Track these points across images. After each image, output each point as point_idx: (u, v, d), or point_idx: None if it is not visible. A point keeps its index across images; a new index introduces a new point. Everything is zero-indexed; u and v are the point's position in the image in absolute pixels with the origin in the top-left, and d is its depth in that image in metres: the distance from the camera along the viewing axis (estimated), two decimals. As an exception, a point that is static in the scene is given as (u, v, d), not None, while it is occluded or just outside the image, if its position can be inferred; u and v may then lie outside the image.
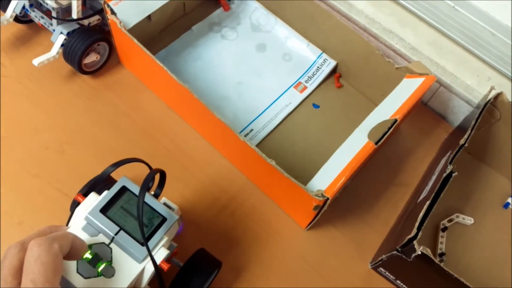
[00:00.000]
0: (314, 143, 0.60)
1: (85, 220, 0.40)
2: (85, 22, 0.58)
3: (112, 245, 0.39)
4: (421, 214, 0.46)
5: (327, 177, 0.48)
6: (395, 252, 0.47)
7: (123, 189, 0.42)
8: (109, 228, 0.39)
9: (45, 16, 0.58)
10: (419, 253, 0.44)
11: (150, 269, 0.39)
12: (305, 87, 0.64)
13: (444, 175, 0.48)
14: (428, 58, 0.63)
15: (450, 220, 0.59)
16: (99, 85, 0.61)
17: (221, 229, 0.55)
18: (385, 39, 0.64)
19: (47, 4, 0.55)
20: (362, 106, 0.64)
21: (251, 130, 0.60)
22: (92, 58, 0.59)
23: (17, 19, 0.61)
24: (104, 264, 0.37)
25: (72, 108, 0.59)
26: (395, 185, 0.61)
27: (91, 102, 0.60)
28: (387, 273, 0.54)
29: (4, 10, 0.59)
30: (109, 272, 0.37)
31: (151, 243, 0.40)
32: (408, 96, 0.54)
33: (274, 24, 0.68)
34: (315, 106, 0.63)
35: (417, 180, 0.61)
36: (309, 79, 0.64)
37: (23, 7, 0.58)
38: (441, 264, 0.44)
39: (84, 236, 0.39)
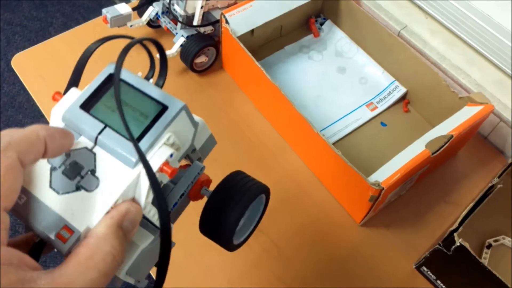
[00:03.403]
0: (377, 154, 0.69)
1: (62, 122, 0.31)
2: (202, 29, 0.72)
3: (96, 149, 0.30)
4: (464, 212, 0.52)
5: (385, 174, 0.56)
6: (437, 246, 0.53)
7: (111, 79, 0.32)
8: (91, 126, 0.30)
9: (171, 22, 0.73)
10: (458, 244, 0.50)
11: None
12: (376, 107, 0.73)
13: (490, 184, 0.54)
14: (491, 94, 0.70)
15: (496, 240, 0.63)
16: (204, 82, 0.75)
17: (283, 214, 0.64)
18: (453, 74, 0.72)
19: (176, 11, 0.70)
20: (425, 131, 0.70)
21: (323, 135, 0.69)
22: (201, 59, 0.73)
23: (149, 24, 0.77)
24: (85, 174, 0.29)
25: (180, 97, 0.71)
26: (447, 202, 0.67)
27: (195, 94, 0.73)
28: (429, 272, 0.59)
29: (141, 15, 0.75)
30: (92, 184, 0.29)
31: (145, 141, 0.30)
32: (466, 119, 0.61)
33: (355, 52, 0.78)
34: (383, 124, 0.72)
35: (467, 201, 0.66)
36: (380, 101, 0.73)
37: (157, 14, 0.74)
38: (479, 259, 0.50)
39: None
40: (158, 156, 0.29)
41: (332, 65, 0.77)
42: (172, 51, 0.71)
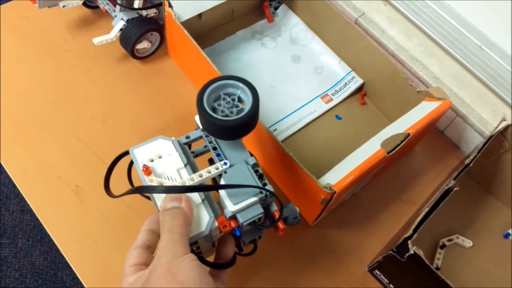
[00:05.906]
0: (332, 150, 0.65)
1: None
2: (144, 13, 0.66)
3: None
4: (419, 218, 0.50)
5: (337, 175, 0.53)
6: (390, 252, 0.51)
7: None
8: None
9: (110, 3, 0.66)
10: (412, 252, 0.48)
11: None
12: (331, 99, 0.69)
13: (446, 187, 0.52)
14: (449, 88, 0.67)
15: (449, 240, 0.62)
16: (146, 70, 0.69)
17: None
18: (410, 66, 0.68)
19: (114, -8, 0.63)
20: (381, 125, 0.68)
21: (275, 129, 0.65)
22: (144, 45, 0.66)
23: (85, 4, 0.69)
24: None
25: (120, 86, 0.66)
26: (402, 200, 0.64)
27: (137, 84, 0.67)
28: (382, 276, 0.57)
29: (76, -6, 0.68)
30: None
31: None
32: (423, 116, 0.58)
33: (311, 39, 0.74)
34: (338, 117, 0.68)
35: (423, 199, 0.65)
36: (336, 92, 0.70)
37: (93, -7, 0.67)
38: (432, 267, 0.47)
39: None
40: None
41: (286, 53, 0.73)
42: (111, 35, 0.65)
